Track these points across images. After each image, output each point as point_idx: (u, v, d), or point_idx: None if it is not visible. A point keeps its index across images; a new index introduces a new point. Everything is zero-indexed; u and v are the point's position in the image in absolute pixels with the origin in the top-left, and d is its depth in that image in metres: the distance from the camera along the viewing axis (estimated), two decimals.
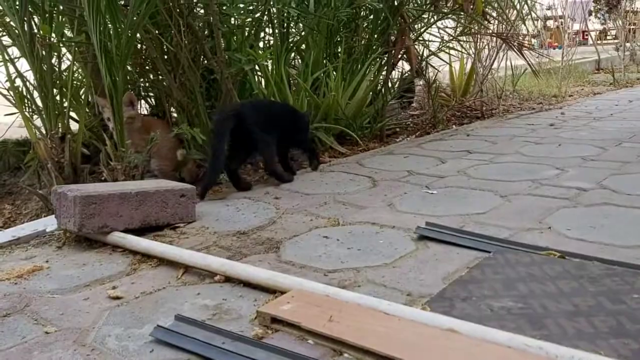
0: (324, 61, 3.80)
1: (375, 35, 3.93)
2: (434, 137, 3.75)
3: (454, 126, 4.28)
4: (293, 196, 2.36)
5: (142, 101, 3.31)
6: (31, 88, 2.71)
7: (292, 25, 3.86)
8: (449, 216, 2.02)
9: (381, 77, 3.97)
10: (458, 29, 4.43)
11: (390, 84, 4.08)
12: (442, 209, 2.12)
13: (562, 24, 7.97)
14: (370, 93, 3.84)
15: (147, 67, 3.17)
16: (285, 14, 3.56)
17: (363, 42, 4.03)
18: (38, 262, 1.70)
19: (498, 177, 2.56)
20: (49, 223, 2.42)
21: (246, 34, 3.22)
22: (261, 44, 3.68)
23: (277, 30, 3.63)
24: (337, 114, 3.57)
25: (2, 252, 1.84)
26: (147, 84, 3.26)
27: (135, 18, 2.23)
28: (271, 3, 3.22)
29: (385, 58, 3.91)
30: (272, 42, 3.63)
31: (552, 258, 1.57)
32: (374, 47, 3.93)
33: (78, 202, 1.75)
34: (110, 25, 2.24)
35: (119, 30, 2.22)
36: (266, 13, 3.37)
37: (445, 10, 3.91)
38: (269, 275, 1.46)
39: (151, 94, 3.32)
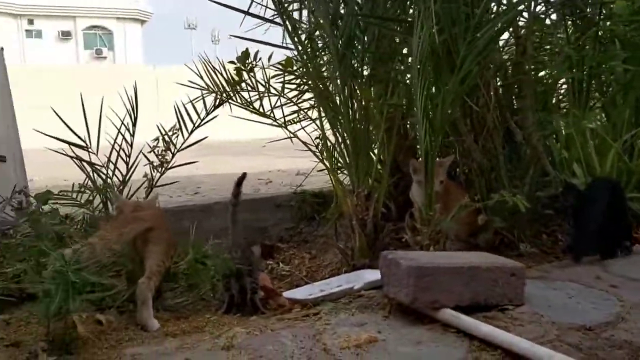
0: (632, 120, 3.30)
1: None
2: None
3: None
4: (635, 286, 1.97)
5: None
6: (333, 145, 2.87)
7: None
8: None
9: None
10: None
11: None
12: None
13: None
14: None
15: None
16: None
17: None
18: (371, 332, 1.65)
19: None
20: (352, 280, 2.45)
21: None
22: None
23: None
24: None
25: (329, 313, 1.86)
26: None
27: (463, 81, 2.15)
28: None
29: None
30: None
31: None
32: None
33: (413, 273, 1.67)
34: (433, 89, 2.21)
35: (443, 94, 2.16)
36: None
37: None
38: None
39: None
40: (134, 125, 2.88)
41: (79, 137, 2.69)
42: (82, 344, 1.63)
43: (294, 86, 3.20)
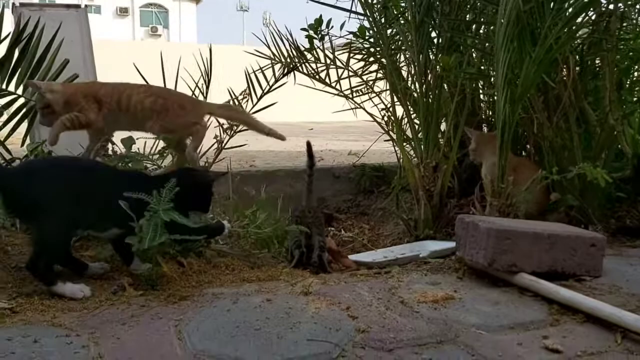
0: None
1: None
2: None
3: None
4: None
5: None
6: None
7: None
8: None
9: None
10: None
11: None
12: None
13: None
14: None
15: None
16: None
17: None
18: (447, 291, 1.66)
19: None
20: (416, 249, 2.46)
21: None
22: None
23: None
24: None
25: (400, 273, 1.87)
26: None
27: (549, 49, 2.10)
28: None
29: None
30: None
31: None
32: None
33: (492, 235, 1.67)
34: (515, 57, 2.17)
35: (527, 62, 2.12)
36: None
37: None
38: None
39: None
40: (207, 86, 2.95)
41: None
42: (166, 282, 1.69)
43: (359, 57, 3.21)
